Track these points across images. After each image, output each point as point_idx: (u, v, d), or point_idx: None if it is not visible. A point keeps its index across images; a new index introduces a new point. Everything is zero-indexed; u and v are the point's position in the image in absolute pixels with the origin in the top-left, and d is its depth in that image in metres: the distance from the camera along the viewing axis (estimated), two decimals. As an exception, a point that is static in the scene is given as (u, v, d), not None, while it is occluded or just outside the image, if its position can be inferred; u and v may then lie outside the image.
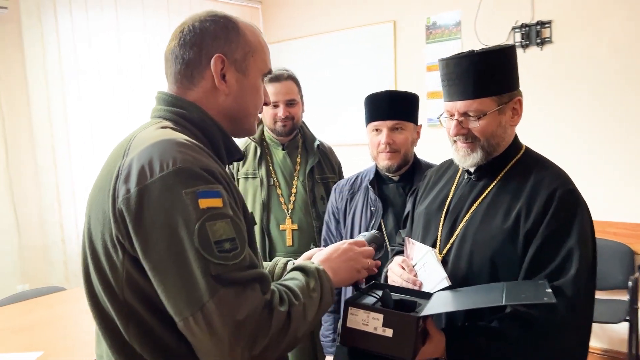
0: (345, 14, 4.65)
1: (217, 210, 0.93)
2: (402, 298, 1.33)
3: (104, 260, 0.99)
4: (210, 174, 0.96)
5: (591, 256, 1.31)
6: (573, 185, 1.35)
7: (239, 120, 1.16)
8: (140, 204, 0.92)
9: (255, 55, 1.14)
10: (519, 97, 1.42)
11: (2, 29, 3.61)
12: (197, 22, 1.11)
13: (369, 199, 2.05)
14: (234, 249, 0.93)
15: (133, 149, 1.00)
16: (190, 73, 1.11)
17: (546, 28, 3.63)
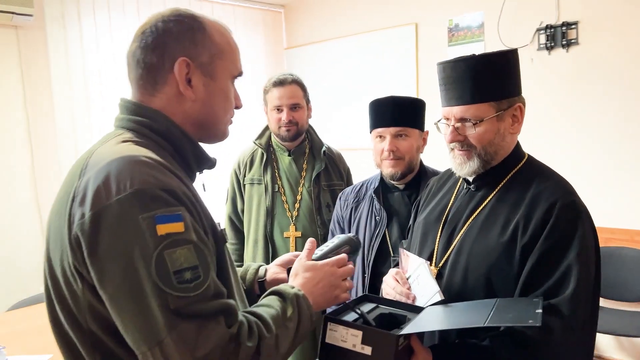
0: (366, 17, 4.60)
1: (177, 236, 0.86)
2: (392, 312, 1.28)
3: (64, 288, 0.92)
4: (171, 195, 0.89)
5: (593, 273, 1.23)
6: (575, 197, 1.27)
7: (208, 127, 1.09)
8: (95, 229, 0.85)
9: (224, 57, 1.07)
10: (519, 103, 1.35)
11: (28, 36, 3.69)
12: (159, 22, 1.03)
13: (373, 208, 2.00)
14: (195, 278, 0.86)
15: (90, 167, 0.93)
16: (152, 78, 1.03)
17: (572, 29, 3.50)
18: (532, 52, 3.66)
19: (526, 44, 3.67)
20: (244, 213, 2.47)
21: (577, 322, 1.16)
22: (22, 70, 3.68)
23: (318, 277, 1.12)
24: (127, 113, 1.05)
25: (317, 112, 4.81)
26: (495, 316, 1.05)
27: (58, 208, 0.95)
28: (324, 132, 4.68)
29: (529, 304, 1.10)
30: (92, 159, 0.95)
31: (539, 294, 1.18)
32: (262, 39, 5.00)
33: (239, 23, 4.81)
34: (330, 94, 4.85)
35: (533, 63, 3.66)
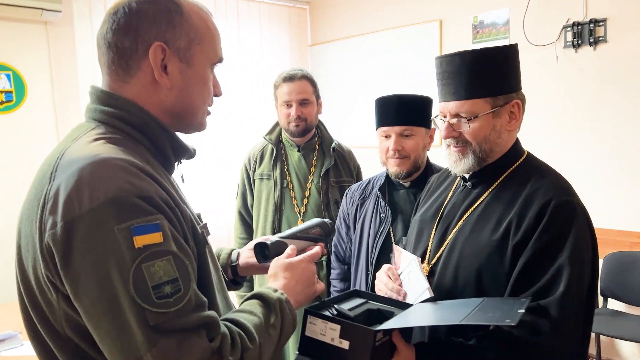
0: (391, 13, 4.56)
1: (155, 248, 0.81)
2: (380, 308, 1.27)
3: (39, 296, 0.88)
4: (148, 202, 0.83)
5: (588, 274, 1.19)
6: (571, 197, 1.23)
7: (185, 117, 1.02)
8: (68, 241, 0.80)
9: (203, 43, 0.99)
10: (517, 100, 1.31)
11: (57, 31, 3.79)
12: (134, 2, 0.95)
13: (379, 205, 1.99)
14: (176, 292, 0.82)
15: (61, 170, 0.86)
16: (125, 63, 0.95)
17: (600, 26, 3.40)
18: (559, 50, 3.57)
19: (552, 42, 3.58)
20: (253, 208, 2.49)
21: (566, 324, 1.12)
22: (51, 64, 3.78)
23: (296, 275, 1.10)
24: (98, 103, 0.98)
25: (339, 108, 4.84)
26: (475, 315, 1.03)
27: (28, 212, 0.89)
28: (346, 128, 4.72)
29: (514, 304, 1.07)
30: (63, 160, 0.88)
31: (529, 294, 1.15)
32: (287, 35, 5.02)
33: (264, 20, 4.83)
34: (354, 90, 4.83)
35: (559, 61, 3.57)
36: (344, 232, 2.11)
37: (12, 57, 3.63)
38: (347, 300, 1.32)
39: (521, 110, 1.32)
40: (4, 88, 3.64)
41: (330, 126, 2.55)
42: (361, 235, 2.01)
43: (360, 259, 1.99)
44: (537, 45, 3.65)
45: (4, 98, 3.65)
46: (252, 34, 4.72)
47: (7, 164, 3.61)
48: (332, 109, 4.89)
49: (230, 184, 3.88)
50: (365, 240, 1.98)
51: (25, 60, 3.68)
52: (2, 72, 3.62)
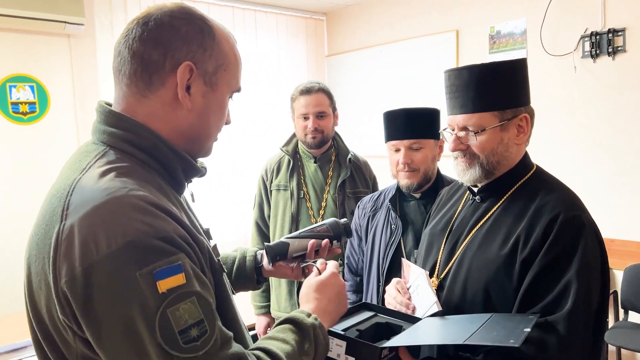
0: (407, 24, 4.58)
1: (179, 290, 0.79)
2: (388, 321, 1.28)
3: (53, 333, 0.85)
4: (168, 242, 0.80)
5: (597, 290, 1.19)
6: (579, 211, 1.22)
7: (198, 141, 0.99)
8: (87, 288, 0.77)
9: (228, 70, 0.98)
10: (525, 114, 1.31)
11: (79, 44, 3.88)
12: (167, 16, 0.91)
13: (389, 216, 2.00)
14: (202, 334, 0.80)
15: (74, 209, 0.82)
16: (148, 77, 0.91)
17: (619, 36, 3.37)
18: (577, 60, 3.54)
19: (570, 52, 3.56)
20: (270, 218, 2.51)
21: (574, 340, 1.12)
22: (73, 76, 3.88)
23: (327, 294, 1.09)
24: (107, 124, 0.93)
25: (355, 118, 4.86)
26: (480, 333, 1.03)
27: (39, 249, 0.85)
28: (362, 138, 4.73)
29: (521, 321, 1.07)
30: (75, 196, 0.84)
31: (537, 310, 1.15)
32: (304, 46, 5.06)
33: (281, 30, 4.88)
34: (371, 100, 4.85)
35: (577, 71, 3.54)
36: (356, 244, 2.12)
37: (36, 69, 3.73)
38: (356, 313, 1.32)
39: (529, 125, 1.32)
40: (28, 99, 3.73)
41: (346, 136, 2.57)
42: (372, 246, 2.02)
43: (372, 270, 2.00)
44: (555, 55, 3.63)
45: (28, 109, 3.74)
46: (270, 45, 4.78)
47: (30, 174, 3.69)
48: (349, 119, 4.91)
49: (247, 195, 3.91)
50: (377, 252, 1.99)
51: (48, 72, 3.78)
52: (26, 84, 3.72)
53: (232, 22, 4.56)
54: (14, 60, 3.64)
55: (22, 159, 3.67)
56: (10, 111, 3.66)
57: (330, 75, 5.18)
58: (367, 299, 2.01)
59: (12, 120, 3.66)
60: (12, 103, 3.66)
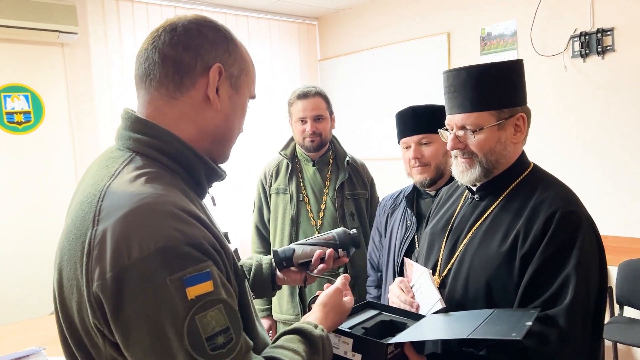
0: (399, 27, 4.62)
1: (208, 297, 0.81)
2: (393, 319, 1.31)
3: (84, 337, 0.87)
4: (198, 249, 0.83)
5: (596, 283, 1.22)
6: (576, 207, 1.26)
7: (222, 143, 1.03)
8: (118, 292, 0.78)
9: (249, 75, 1.04)
10: (522, 113, 1.35)
11: (73, 53, 3.89)
12: (192, 24, 0.97)
13: (406, 213, 2.06)
14: (228, 341, 0.82)
15: (105, 214, 0.83)
16: (180, 79, 0.95)
17: (607, 36, 3.42)
18: (567, 60, 3.59)
19: (560, 52, 3.61)
20: (270, 222, 2.54)
21: (574, 333, 1.15)
22: (67, 85, 3.88)
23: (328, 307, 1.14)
24: (132, 130, 0.96)
25: (350, 121, 4.90)
26: (483, 328, 1.06)
27: (70, 254, 0.87)
28: (356, 141, 4.77)
29: (523, 316, 1.10)
30: (106, 201, 0.85)
31: (538, 304, 1.18)
32: (296, 51, 5.09)
33: (274, 36, 4.91)
34: (363, 103, 4.88)
35: (567, 71, 3.60)
36: (377, 241, 2.19)
37: (30, 79, 3.74)
38: (361, 312, 1.35)
39: (526, 124, 1.36)
40: (22, 109, 3.74)
41: (340, 139, 2.61)
42: (390, 242, 2.09)
43: (389, 265, 2.07)
44: (545, 55, 3.68)
45: (23, 118, 3.75)
46: (263, 50, 4.80)
47: (26, 183, 3.70)
48: (342, 122, 4.93)
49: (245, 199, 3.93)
50: (393, 247, 2.05)
51: (42, 82, 3.79)
52: (21, 94, 3.73)
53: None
54: (8, 70, 3.64)
55: (17, 168, 3.67)
56: (5, 121, 3.66)
57: (323, 79, 5.22)
58: (385, 293, 2.06)
59: (7, 130, 3.66)
60: (6, 113, 3.67)
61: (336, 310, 1.15)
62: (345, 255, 1.40)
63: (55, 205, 3.80)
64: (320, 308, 1.14)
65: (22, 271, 3.59)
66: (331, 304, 1.15)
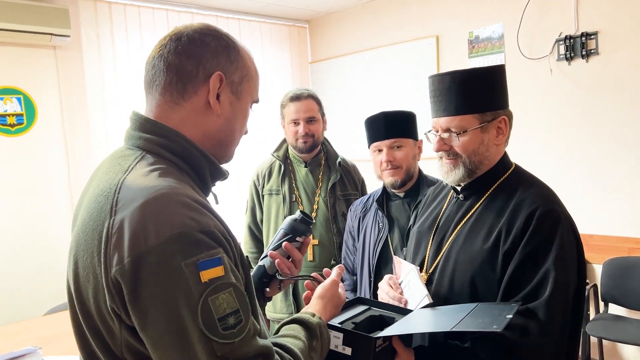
0: (389, 30, 4.69)
1: (219, 281, 0.86)
2: (382, 314, 1.36)
3: (99, 323, 0.91)
4: (210, 237, 0.88)
5: (574, 278, 1.28)
6: (555, 205, 1.32)
7: (224, 145, 1.08)
8: (136, 275, 0.83)
9: (251, 82, 1.09)
10: (504, 116, 1.41)
11: (65, 55, 3.91)
12: (196, 33, 1.02)
13: (377, 216, 2.12)
14: (238, 322, 0.87)
15: (122, 205, 0.89)
16: (182, 86, 1.01)
17: (591, 39, 3.51)
18: (552, 63, 3.68)
19: (546, 55, 3.69)
20: (263, 223, 2.58)
21: (553, 325, 1.21)
22: (60, 87, 3.90)
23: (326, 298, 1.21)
24: (141, 130, 1.01)
25: (340, 123, 4.95)
26: (466, 321, 1.11)
27: (87, 244, 0.92)
28: (347, 142, 4.82)
29: (504, 309, 1.16)
30: (123, 193, 0.91)
31: (519, 298, 1.24)
32: (287, 53, 5.15)
33: (265, 39, 4.96)
34: (354, 105, 4.94)
35: (552, 74, 3.68)
36: (351, 244, 2.24)
37: (23, 81, 3.76)
38: (351, 308, 1.40)
39: (508, 126, 1.42)
40: (15, 111, 3.76)
41: (331, 141, 2.66)
42: (363, 245, 2.14)
43: (364, 267, 2.11)
44: (531, 58, 3.76)
45: (15, 121, 3.77)
46: (254, 53, 4.81)
47: (19, 185, 3.72)
48: (333, 124, 4.99)
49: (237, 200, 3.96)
50: (367, 249, 2.11)
51: (35, 84, 3.80)
52: (13, 96, 3.74)
53: (216, 31, 4.62)
54: (0, 73, 3.66)
55: (10, 170, 3.69)
56: (-2, 123, 3.68)
57: (314, 81, 5.27)
58: (361, 293, 2.11)
59: (0, 133, 3.68)
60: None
61: (333, 302, 1.21)
62: (305, 237, 1.41)
63: (48, 207, 3.82)
64: (318, 300, 1.19)
65: (16, 272, 3.61)
66: (329, 295, 1.22)
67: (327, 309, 1.18)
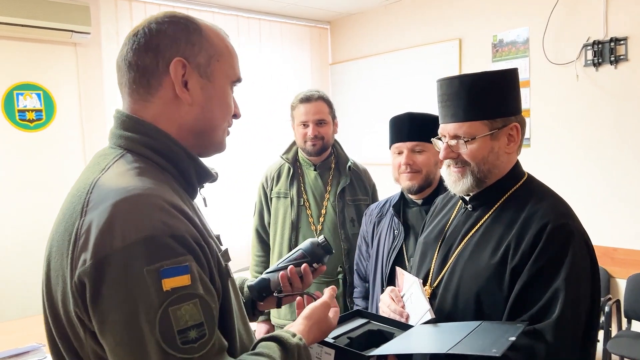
0: (411, 32, 4.60)
1: (183, 291, 0.81)
2: (381, 329, 1.29)
3: (68, 329, 0.88)
4: (179, 242, 0.83)
5: (587, 297, 1.19)
6: (569, 219, 1.23)
7: (206, 134, 1.01)
8: (99, 279, 0.79)
9: (222, 60, 1.01)
10: (515, 123, 1.33)
11: (85, 52, 3.93)
12: (152, 23, 0.97)
13: (393, 222, 2.03)
14: (200, 337, 0.81)
15: (93, 205, 0.85)
16: (146, 82, 0.96)
17: (621, 45, 3.37)
18: (579, 69, 3.55)
19: (572, 60, 3.57)
20: (270, 226, 2.53)
21: (563, 347, 1.12)
22: (79, 83, 3.92)
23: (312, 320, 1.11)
24: (122, 128, 0.97)
25: (359, 125, 4.88)
26: (465, 342, 1.04)
27: (59, 245, 0.89)
28: (367, 145, 4.76)
29: (508, 330, 1.08)
30: (95, 193, 0.87)
31: (526, 317, 1.16)
32: (308, 54, 5.10)
33: (285, 39, 4.92)
34: (374, 107, 4.87)
35: (579, 80, 3.55)
36: (364, 250, 2.16)
37: (43, 77, 3.78)
38: (349, 321, 1.34)
39: (520, 134, 1.33)
40: (34, 107, 3.78)
41: (350, 144, 2.60)
42: (377, 252, 2.05)
43: (377, 275, 2.03)
44: (557, 63, 3.64)
45: (35, 116, 3.79)
46: (274, 54, 4.81)
47: (36, 180, 3.74)
48: (353, 127, 4.93)
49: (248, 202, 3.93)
50: (381, 257, 2.02)
51: (55, 80, 3.83)
52: (33, 92, 3.77)
53: (236, 31, 4.60)
54: (20, 69, 3.69)
55: (28, 166, 3.71)
56: (17, 119, 3.71)
57: (334, 83, 5.21)
58: (372, 302, 2.03)
59: (19, 128, 3.71)
60: (19, 111, 3.72)
61: (319, 326, 1.11)
62: (321, 265, 1.37)
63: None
64: (303, 321, 1.10)
65: (26, 269, 3.62)
66: (315, 318, 1.11)
67: (312, 332, 1.08)
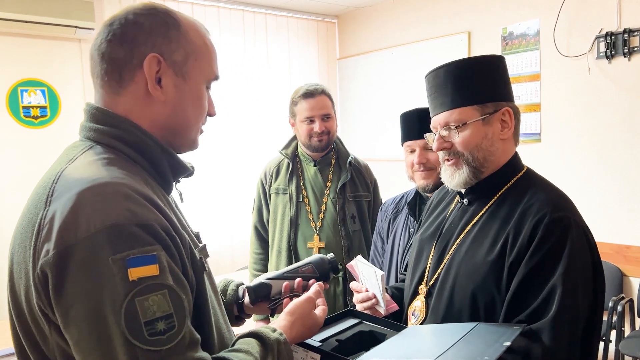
0: (419, 26, 4.52)
1: (151, 281, 0.77)
2: (372, 329, 1.24)
3: (31, 325, 0.84)
4: (147, 231, 0.80)
5: (587, 293, 1.12)
6: (568, 212, 1.16)
7: (178, 133, 0.98)
8: (62, 269, 0.76)
9: (199, 59, 0.97)
10: (507, 108, 1.26)
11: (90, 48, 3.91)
12: (130, 14, 0.93)
13: (408, 220, 1.98)
14: (169, 329, 0.78)
15: (57, 195, 0.82)
16: (118, 75, 0.92)
17: (635, 36, 3.27)
18: (591, 61, 3.45)
19: (584, 52, 3.47)
20: (269, 222, 2.48)
21: (559, 346, 1.06)
22: (84, 79, 3.90)
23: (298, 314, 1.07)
24: (92, 121, 0.94)
25: (367, 121, 4.82)
26: (454, 349, 0.97)
27: (22, 238, 0.85)
28: (374, 140, 4.69)
29: (504, 333, 1.01)
30: (59, 183, 0.84)
31: (523, 317, 1.09)
32: (315, 49, 5.03)
33: (292, 33, 4.86)
34: (382, 102, 4.80)
35: (591, 73, 3.45)
36: (380, 246, 2.11)
37: (47, 74, 3.77)
38: (341, 321, 1.29)
39: (513, 119, 1.27)
40: (39, 103, 3.77)
41: (358, 139, 2.54)
42: (392, 249, 2.00)
43: (391, 273, 1.99)
44: (569, 56, 3.54)
45: (39, 113, 3.79)
46: (281, 48, 4.76)
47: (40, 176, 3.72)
48: (361, 122, 4.87)
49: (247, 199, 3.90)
50: (396, 254, 1.97)
51: (59, 77, 3.81)
52: (38, 88, 3.76)
53: (242, 26, 4.56)
54: (25, 65, 3.68)
55: (33, 162, 3.70)
56: (22, 115, 3.70)
57: (342, 78, 5.15)
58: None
59: (24, 124, 3.70)
60: (23, 107, 3.71)
61: (303, 321, 1.06)
62: (325, 282, 1.32)
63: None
64: (286, 316, 1.06)
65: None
66: (299, 313, 1.07)
67: (295, 328, 1.04)
